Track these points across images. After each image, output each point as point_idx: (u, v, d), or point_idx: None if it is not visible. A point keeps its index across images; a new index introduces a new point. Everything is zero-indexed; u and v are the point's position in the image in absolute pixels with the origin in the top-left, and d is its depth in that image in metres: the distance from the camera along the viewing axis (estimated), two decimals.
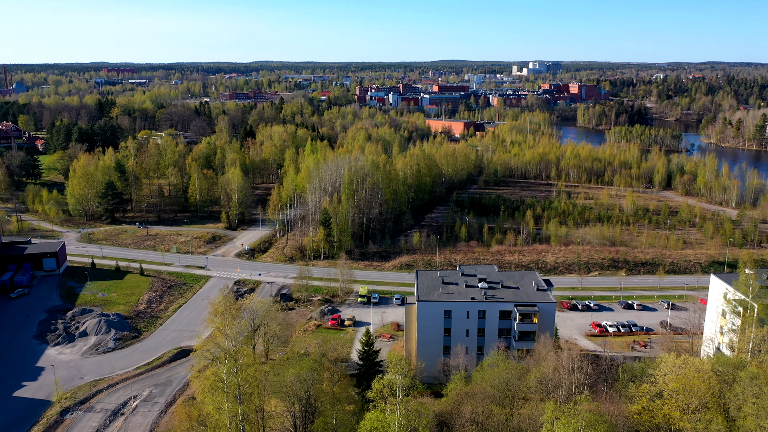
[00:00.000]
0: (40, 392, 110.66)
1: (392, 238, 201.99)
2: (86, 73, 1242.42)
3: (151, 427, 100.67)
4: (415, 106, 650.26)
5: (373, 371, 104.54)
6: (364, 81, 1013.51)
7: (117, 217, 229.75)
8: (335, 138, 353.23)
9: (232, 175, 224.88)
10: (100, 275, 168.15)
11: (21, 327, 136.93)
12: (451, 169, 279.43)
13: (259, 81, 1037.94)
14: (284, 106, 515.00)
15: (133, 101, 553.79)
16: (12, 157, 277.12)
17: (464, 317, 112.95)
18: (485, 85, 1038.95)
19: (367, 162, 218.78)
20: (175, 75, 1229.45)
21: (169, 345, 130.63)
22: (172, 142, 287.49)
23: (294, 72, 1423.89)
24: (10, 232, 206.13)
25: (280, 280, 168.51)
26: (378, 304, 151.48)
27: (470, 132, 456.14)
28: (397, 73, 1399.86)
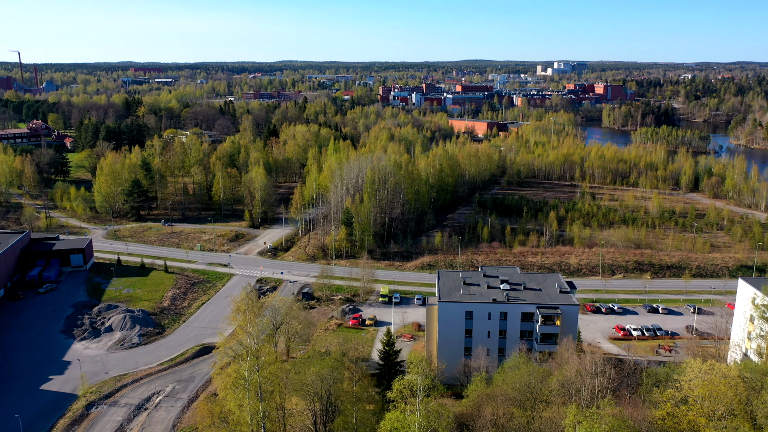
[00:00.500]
0: (67, 386, 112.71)
1: (414, 238, 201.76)
2: (114, 72, 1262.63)
3: (174, 422, 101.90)
4: (438, 106, 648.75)
5: (393, 371, 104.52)
6: (387, 81, 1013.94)
7: (142, 215, 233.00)
8: (358, 137, 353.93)
9: (255, 174, 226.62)
10: (125, 272, 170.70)
11: (49, 322, 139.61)
12: (473, 170, 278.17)
13: (283, 80, 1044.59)
14: (307, 105, 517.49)
15: (160, 100, 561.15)
16: (41, 154, 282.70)
17: (486, 318, 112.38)
18: (509, 85, 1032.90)
19: (389, 162, 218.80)
20: (201, 74, 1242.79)
21: (192, 342, 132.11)
22: (196, 141, 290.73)
23: (317, 72, 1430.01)
24: (39, 229, 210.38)
25: (302, 278, 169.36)
26: (399, 304, 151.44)
27: (493, 132, 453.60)
28: (421, 72, 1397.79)
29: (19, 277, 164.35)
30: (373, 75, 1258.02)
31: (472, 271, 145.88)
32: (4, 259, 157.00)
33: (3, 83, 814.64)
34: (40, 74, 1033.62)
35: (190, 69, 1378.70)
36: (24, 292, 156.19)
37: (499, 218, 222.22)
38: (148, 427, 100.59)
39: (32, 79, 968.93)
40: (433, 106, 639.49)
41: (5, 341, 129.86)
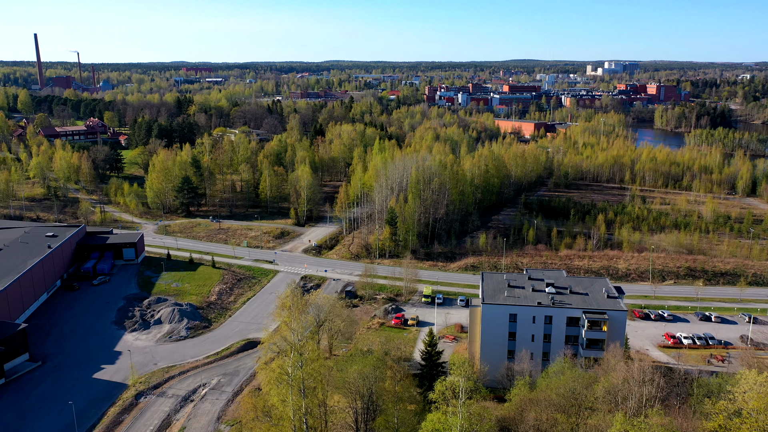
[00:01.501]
0: (117, 375, 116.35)
1: (458, 238, 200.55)
2: (167, 72, 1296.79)
3: (219, 414, 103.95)
4: (484, 106, 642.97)
5: (435, 372, 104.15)
6: (433, 80, 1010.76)
7: (192, 211, 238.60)
8: (403, 137, 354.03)
9: (301, 173, 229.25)
10: (174, 266, 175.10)
11: (102, 313, 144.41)
12: (519, 171, 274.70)
13: (329, 80, 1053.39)
14: (354, 105, 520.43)
15: (210, 99, 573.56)
16: (97, 151, 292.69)
17: (530, 322, 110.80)
18: (557, 85, 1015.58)
19: (434, 162, 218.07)
20: (250, 74, 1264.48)
21: (238, 336, 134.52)
22: (245, 139, 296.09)
23: (364, 71, 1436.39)
24: (94, 223, 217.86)
25: (345, 277, 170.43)
26: (442, 305, 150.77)
27: (541, 133, 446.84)
28: (467, 72, 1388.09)
29: (74, 269, 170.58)
30: (420, 75, 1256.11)
31: (516, 273, 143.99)
32: (61, 252, 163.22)
33: (63, 82, 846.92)
34: (97, 74, 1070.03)
35: (239, 69, 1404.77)
36: (79, 283, 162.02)
37: (545, 220, 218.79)
38: (193, 418, 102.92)
39: (90, 78, 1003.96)
40: (479, 106, 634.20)
41: (61, 330, 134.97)
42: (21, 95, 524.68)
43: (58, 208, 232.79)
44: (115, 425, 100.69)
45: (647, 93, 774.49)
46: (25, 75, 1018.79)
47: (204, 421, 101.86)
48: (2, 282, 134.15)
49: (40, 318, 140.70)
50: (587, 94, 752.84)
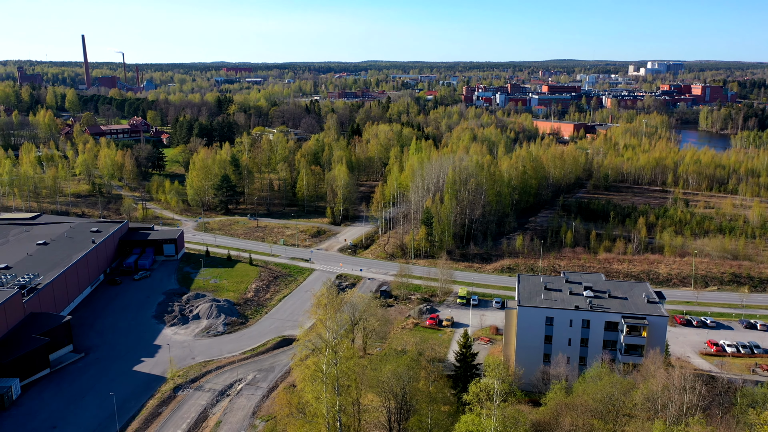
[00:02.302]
0: (156, 368, 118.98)
1: (494, 240, 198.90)
2: (208, 72, 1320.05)
3: (254, 409, 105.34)
4: (522, 106, 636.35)
5: (469, 374, 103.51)
6: (471, 81, 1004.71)
7: (230, 209, 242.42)
8: (440, 137, 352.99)
9: (338, 172, 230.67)
10: (213, 263, 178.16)
11: (142, 307, 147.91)
12: (558, 172, 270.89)
13: (367, 80, 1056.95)
14: (391, 105, 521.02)
15: (249, 99, 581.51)
16: (140, 149, 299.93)
17: (567, 325, 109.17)
18: (598, 86, 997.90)
19: (471, 162, 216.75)
20: (288, 74, 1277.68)
21: (273, 333, 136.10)
22: (283, 139, 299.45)
23: (401, 71, 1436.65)
24: (136, 219, 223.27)
25: (380, 276, 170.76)
26: (477, 307, 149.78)
27: (580, 134, 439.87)
28: (506, 72, 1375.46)
29: (117, 264, 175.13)
30: (457, 75, 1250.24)
31: (553, 276, 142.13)
32: (104, 247, 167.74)
33: (108, 82, 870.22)
34: (141, 74, 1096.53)
35: (278, 69, 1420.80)
36: (121, 278, 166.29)
37: (584, 223, 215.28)
38: (229, 412, 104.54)
39: (134, 78, 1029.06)
40: (517, 106, 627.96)
41: (103, 323, 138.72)
42: (69, 95, 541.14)
43: (102, 205, 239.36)
44: (153, 417, 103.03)
45: (692, 94, 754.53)
46: (72, 75, 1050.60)
47: (239, 416, 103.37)
48: (49, 275, 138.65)
49: (83, 311, 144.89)
50: (629, 94, 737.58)
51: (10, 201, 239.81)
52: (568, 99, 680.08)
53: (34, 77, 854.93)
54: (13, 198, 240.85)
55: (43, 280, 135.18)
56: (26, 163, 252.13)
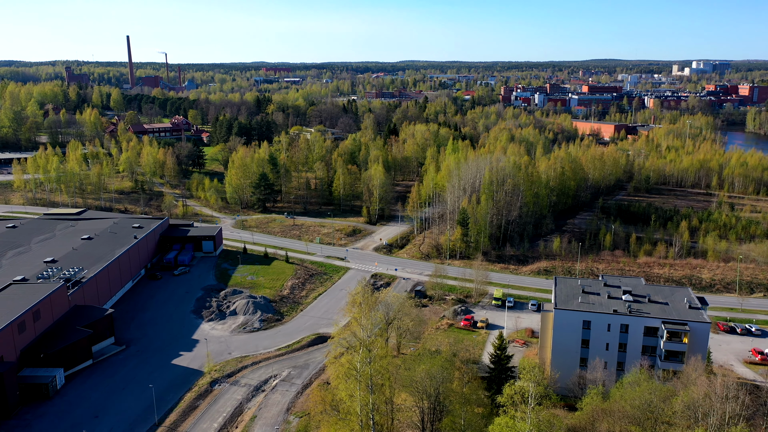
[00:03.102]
0: (194, 362, 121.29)
1: (531, 242, 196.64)
2: (247, 72, 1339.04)
3: (288, 405, 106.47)
4: (562, 107, 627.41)
5: (504, 376, 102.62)
6: (509, 81, 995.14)
7: (268, 207, 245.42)
8: (477, 138, 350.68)
9: (374, 172, 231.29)
10: (250, 260, 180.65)
11: (181, 302, 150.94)
12: (597, 174, 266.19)
13: (404, 80, 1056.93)
14: (428, 105, 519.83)
15: (287, 98, 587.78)
16: (181, 147, 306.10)
17: (605, 330, 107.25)
18: (640, 86, 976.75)
19: (508, 163, 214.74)
20: (326, 74, 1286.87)
21: (308, 330, 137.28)
22: (320, 138, 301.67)
23: (439, 71, 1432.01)
24: (177, 216, 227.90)
25: (415, 276, 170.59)
26: (513, 309, 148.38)
27: (621, 135, 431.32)
28: (545, 72, 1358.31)
29: (157, 259, 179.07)
30: (495, 75, 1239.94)
31: (591, 279, 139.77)
32: (146, 242, 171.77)
33: (151, 82, 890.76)
34: (183, 74, 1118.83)
35: (316, 69, 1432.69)
36: (161, 273, 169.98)
37: (624, 226, 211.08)
38: (264, 407, 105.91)
39: (176, 78, 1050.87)
40: (556, 107, 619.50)
41: (143, 317, 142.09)
42: (114, 94, 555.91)
43: (144, 201, 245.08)
44: (191, 410, 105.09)
45: (739, 94, 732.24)
46: (117, 75, 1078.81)
47: (274, 411, 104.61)
48: (92, 269, 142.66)
49: (125, 304, 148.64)
50: (672, 95, 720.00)
51: (57, 197, 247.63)
52: (609, 99, 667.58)
53: (81, 77, 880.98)
54: (60, 194, 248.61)
55: (87, 274, 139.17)
56: (73, 160, 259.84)
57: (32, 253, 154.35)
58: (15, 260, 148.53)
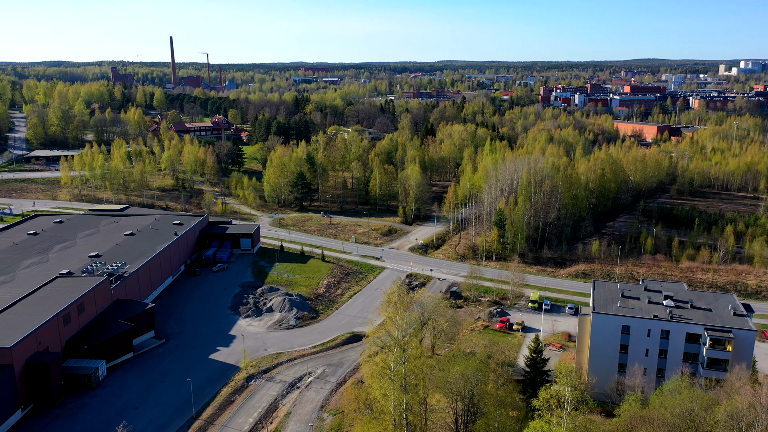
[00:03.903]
0: (231, 358, 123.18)
1: (569, 244, 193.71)
2: (286, 72, 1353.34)
3: (323, 403, 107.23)
4: (603, 107, 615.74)
5: (540, 379, 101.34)
6: (549, 81, 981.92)
7: (305, 206, 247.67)
8: (515, 138, 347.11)
9: (411, 172, 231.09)
10: (286, 258, 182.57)
11: (219, 298, 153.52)
12: (639, 176, 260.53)
13: (442, 80, 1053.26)
14: (465, 105, 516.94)
15: (326, 98, 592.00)
16: (221, 146, 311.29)
17: (644, 335, 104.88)
18: (685, 86, 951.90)
19: (547, 164, 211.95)
20: (364, 74, 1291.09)
21: (343, 329, 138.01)
22: (357, 138, 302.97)
23: (477, 71, 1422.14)
24: (216, 213, 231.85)
25: (450, 277, 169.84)
26: (549, 312, 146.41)
27: (664, 137, 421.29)
28: (585, 72, 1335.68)
29: (197, 256, 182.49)
30: (534, 75, 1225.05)
31: (631, 283, 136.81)
32: (186, 239, 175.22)
33: (193, 82, 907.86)
34: (223, 74, 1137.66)
35: (354, 69, 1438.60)
36: (200, 269, 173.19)
37: (666, 229, 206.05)
38: (299, 404, 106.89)
39: (217, 78, 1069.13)
40: (597, 107, 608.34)
41: (182, 312, 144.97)
42: (157, 93, 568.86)
43: (184, 199, 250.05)
44: (227, 404, 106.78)
45: None
46: (161, 75, 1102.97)
47: (308, 408, 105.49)
48: (134, 264, 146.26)
49: (165, 299, 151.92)
50: (719, 95, 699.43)
51: (101, 193, 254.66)
52: (652, 100, 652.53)
53: (126, 77, 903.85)
54: (105, 191, 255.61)
55: (130, 269, 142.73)
56: (117, 158, 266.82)
57: (77, 248, 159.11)
58: (61, 254, 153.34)
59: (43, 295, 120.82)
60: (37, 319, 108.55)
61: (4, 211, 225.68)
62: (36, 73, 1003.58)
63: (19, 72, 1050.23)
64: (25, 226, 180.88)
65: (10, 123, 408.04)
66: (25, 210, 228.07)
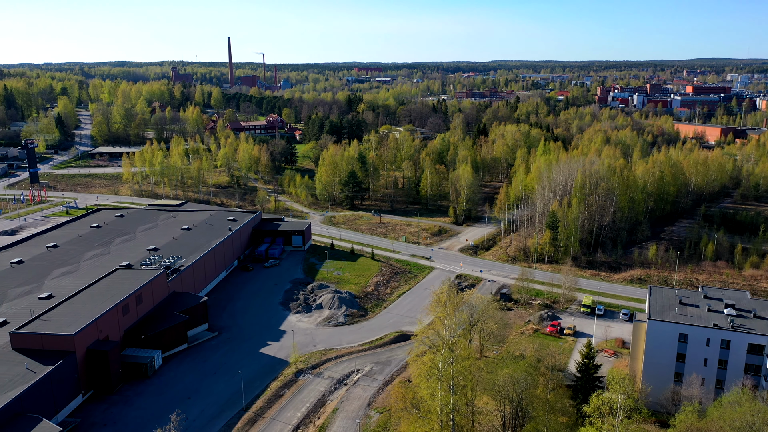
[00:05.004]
0: (281, 352, 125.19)
1: (624, 248, 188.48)
2: (340, 71, 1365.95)
3: (370, 400, 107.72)
4: (663, 108, 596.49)
5: (591, 386, 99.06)
6: (606, 81, 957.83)
7: (355, 204, 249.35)
8: (570, 139, 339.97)
9: (462, 172, 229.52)
10: (336, 255, 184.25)
11: (270, 293, 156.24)
12: (700, 179, 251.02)
13: (496, 80, 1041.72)
14: (519, 105, 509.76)
15: (378, 98, 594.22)
16: (275, 145, 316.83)
17: (703, 344, 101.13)
18: (752, 87, 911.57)
19: (602, 166, 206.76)
20: (417, 74, 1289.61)
21: (391, 328, 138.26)
22: (409, 137, 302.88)
23: (532, 71, 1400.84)
24: (269, 210, 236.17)
25: (500, 279, 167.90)
26: (602, 317, 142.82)
27: (728, 139, 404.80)
28: (645, 72, 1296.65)
29: (249, 251, 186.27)
30: (591, 75, 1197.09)
31: (690, 290, 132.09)
32: (239, 235, 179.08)
33: (249, 81, 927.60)
34: (278, 73, 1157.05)
35: (407, 69, 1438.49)
36: (253, 264, 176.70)
37: (728, 235, 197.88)
38: (346, 401, 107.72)
39: (272, 77, 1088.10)
40: (657, 108, 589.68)
41: (235, 306, 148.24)
42: (214, 93, 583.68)
43: (239, 195, 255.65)
44: (276, 398, 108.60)
45: None
46: (218, 75, 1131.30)
47: (355, 405, 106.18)
48: (190, 258, 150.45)
49: (218, 293, 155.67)
50: None
51: (160, 189, 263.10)
52: (716, 101, 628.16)
53: (185, 76, 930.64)
54: (163, 186, 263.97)
55: (185, 263, 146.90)
56: (175, 155, 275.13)
57: (137, 241, 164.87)
58: (122, 247, 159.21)
59: (104, 285, 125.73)
60: (98, 308, 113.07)
61: (70, 205, 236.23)
62: (101, 73, 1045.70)
63: (85, 72, 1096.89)
64: (89, 220, 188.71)
65: (77, 120, 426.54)
66: (89, 204, 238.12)
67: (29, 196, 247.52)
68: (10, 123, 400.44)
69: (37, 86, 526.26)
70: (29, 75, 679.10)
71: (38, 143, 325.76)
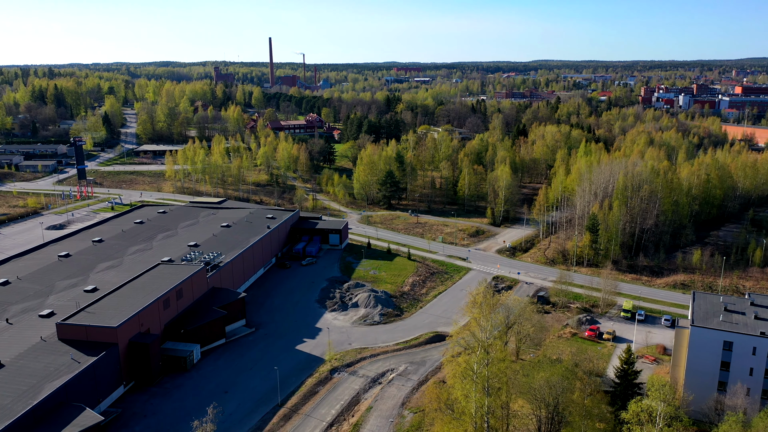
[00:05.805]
0: (316, 350, 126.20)
1: (667, 252, 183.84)
2: (379, 71, 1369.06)
3: (404, 400, 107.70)
4: (710, 109, 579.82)
5: (630, 392, 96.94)
6: (650, 81, 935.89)
7: (392, 204, 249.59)
8: (612, 141, 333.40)
9: (500, 173, 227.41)
10: (373, 254, 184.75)
11: (307, 291, 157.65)
12: (748, 183, 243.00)
13: (536, 80, 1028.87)
14: (560, 105, 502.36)
15: (417, 98, 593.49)
16: (314, 144, 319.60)
17: (749, 353, 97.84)
18: None
19: (645, 168, 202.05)
20: (456, 74, 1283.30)
21: (426, 328, 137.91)
22: (447, 137, 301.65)
23: (574, 71, 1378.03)
24: (306, 209, 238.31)
25: (538, 281, 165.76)
26: (643, 322, 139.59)
27: None
28: (692, 72, 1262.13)
29: (287, 249, 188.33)
30: (635, 75, 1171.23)
31: (736, 297, 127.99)
32: (278, 233, 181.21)
33: (289, 81, 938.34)
34: (318, 73, 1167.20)
35: (446, 69, 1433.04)
36: (290, 262, 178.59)
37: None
38: (380, 400, 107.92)
39: (312, 77, 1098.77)
40: (703, 109, 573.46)
41: (272, 303, 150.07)
42: (255, 92, 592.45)
43: (277, 194, 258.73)
44: (311, 394, 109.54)
45: None
46: (259, 74, 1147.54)
47: (389, 404, 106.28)
48: (229, 254, 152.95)
49: (256, 289, 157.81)
50: None
51: (201, 186, 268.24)
52: (767, 102, 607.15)
53: (227, 76, 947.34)
54: (204, 184, 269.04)
55: (225, 259, 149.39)
56: (216, 153, 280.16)
57: (178, 237, 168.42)
58: (163, 243, 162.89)
59: (146, 280, 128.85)
60: (140, 302, 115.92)
61: (115, 201, 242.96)
62: (147, 73, 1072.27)
63: (131, 71, 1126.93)
64: (133, 216, 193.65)
65: (123, 119, 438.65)
66: (133, 200, 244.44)
67: (77, 192, 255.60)
68: (60, 121, 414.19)
69: (86, 86, 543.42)
70: (78, 75, 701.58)
71: (86, 141, 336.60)
